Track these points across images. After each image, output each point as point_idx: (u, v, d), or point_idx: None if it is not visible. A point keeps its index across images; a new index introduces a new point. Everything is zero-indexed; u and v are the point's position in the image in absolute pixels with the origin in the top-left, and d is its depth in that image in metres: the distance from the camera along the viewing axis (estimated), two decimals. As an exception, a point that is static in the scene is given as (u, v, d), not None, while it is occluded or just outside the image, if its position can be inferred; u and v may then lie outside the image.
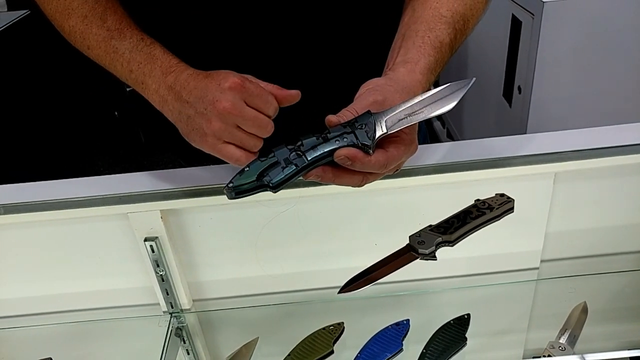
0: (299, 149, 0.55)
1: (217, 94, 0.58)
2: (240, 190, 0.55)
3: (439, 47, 0.66)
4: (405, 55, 0.65)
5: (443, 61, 0.67)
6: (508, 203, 0.64)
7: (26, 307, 0.85)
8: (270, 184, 0.54)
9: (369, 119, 0.56)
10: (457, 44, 0.71)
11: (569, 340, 0.71)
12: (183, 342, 0.82)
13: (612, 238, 0.83)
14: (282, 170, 0.54)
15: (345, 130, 0.55)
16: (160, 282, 0.80)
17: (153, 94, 0.66)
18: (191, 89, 0.61)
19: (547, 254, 0.83)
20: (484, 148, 0.75)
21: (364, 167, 0.56)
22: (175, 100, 0.63)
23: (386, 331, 0.76)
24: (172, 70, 0.65)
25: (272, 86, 0.61)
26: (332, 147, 0.55)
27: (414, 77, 0.62)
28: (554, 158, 0.73)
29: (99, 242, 0.79)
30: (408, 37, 0.67)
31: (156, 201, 0.73)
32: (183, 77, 0.63)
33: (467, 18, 0.71)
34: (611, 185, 0.79)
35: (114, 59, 0.69)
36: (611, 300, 0.84)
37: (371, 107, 0.58)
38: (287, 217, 0.77)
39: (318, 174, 0.56)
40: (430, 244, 0.60)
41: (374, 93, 0.59)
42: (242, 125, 0.58)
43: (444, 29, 0.67)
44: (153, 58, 0.67)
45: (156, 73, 0.65)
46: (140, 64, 0.67)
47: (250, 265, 0.82)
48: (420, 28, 0.67)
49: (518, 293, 0.85)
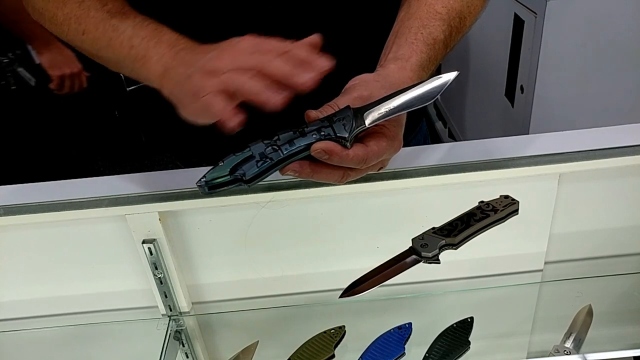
0: (275, 143, 0.53)
1: (218, 52, 0.56)
2: (213, 185, 0.53)
3: (432, 44, 0.65)
4: (397, 52, 0.64)
5: (436, 59, 0.66)
6: (512, 205, 0.63)
7: (23, 310, 0.84)
8: (243, 178, 0.53)
9: (348, 113, 0.54)
10: (453, 41, 0.69)
11: (574, 344, 0.70)
12: (182, 345, 0.81)
13: (617, 239, 0.82)
14: (257, 165, 0.53)
15: (323, 124, 0.54)
16: (158, 285, 0.79)
17: (155, 65, 0.63)
18: (192, 51, 0.60)
19: (551, 255, 0.82)
20: (487, 148, 0.74)
21: (341, 161, 0.54)
22: (177, 67, 0.60)
23: (388, 335, 0.75)
24: (180, 43, 0.63)
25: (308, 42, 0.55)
26: (308, 141, 0.53)
27: (404, 74, 0.61)
28: (559, 159, 0.72)
29: (96, 244, 0.78)
30: (401, 34, 0.66)
31: (154, 203, 0.72)
32: (192, 44, 0.62)
33: (463, 15, 0.70)
34: (616, 186, 0.78)
35: (112, 37, 0.67)
36: (616, 302, 0.83)
37: (354, 102, 0.56)
38: (288, 219, 0.76)
39: (295, 169, 0.54)
40: (434, 247, 0.59)
41: (359, 88, 0.58)
42: (263, 65, 0.53)
43: (438, 25, 0.66)
44: (160, 33, 0.65)
45: (162, 45, 0.63)
46: (144, 39, 0.65)
47: (250, 268, 0.81)
48: (413, 25, 0.66)
49: (522, 295, 0.84)
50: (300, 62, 0.53)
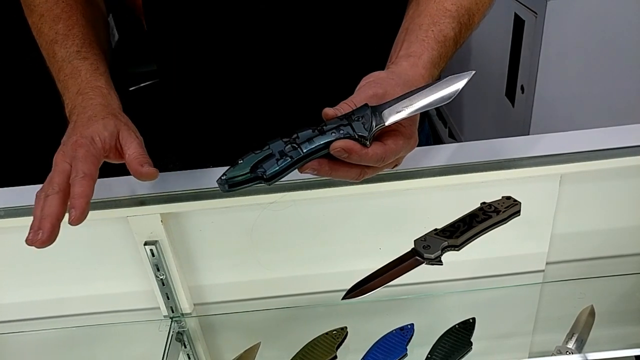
0: (295, 141, 0.54)
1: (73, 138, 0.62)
2: (234, 183, 0.53)
3: (443, 41, 0.65)
4: (408, 49, 0.64)
5: (447, 56, 0.66)
6: (515, 206, 0.63)
7: (25, 311, 0.84)
8: (264, 176, 0.53)
9: (367, 111, 0.55)
10: (462, 38, 0.70)
11: (576, 344, 0.70)
12: (184, 346, 0.81)
13: (618, 240, 0.82)
14: (277, 163, 0.53)
15: (342, 123, 0.54)
16: (160, 286, 0.79)
17: (66, 105, 0.68)
18: (78, 120, 0.65)
19: (552, 256, 0.82)
20: (489, 149, 0.74)
21: (360, 159, 0.54)
22: (70, 120, 0.66)
23: (390, 336, 0.75)
24: (83, 94, 0.67)
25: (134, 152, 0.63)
26: (328, 139, 0.54)
27: (417, 71, 0.61)
28: (560, 159, 0.72)
29: (98, 246, 0.78)
30: (411, 31, 0.66)
31: (156, 204, 0.72)
32: (87, 104, 0.66)
33: (472, 12, 0.70)
34: (618, 186, 0.78)
35: (51, 63, 0.72)
36: (618, 303, 0.83)
37: (370, 100, 0.56)
38: (290, 220, 0.76)
39: (314, 167, 0.55)
40: (436, 248, 0.59)
41: (374, 86, 0.58)
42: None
43: (449, 23, 0.67)
44: (76, 74, 0.69)
45: (72, 90, 0.68)
46: (66, 76, 0.69)
47: (252, 269, 0.81)
48: (424, 22, 0.66)
49: (523, 296, 0.83)
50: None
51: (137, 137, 0.64)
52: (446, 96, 0.57)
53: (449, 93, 0.57)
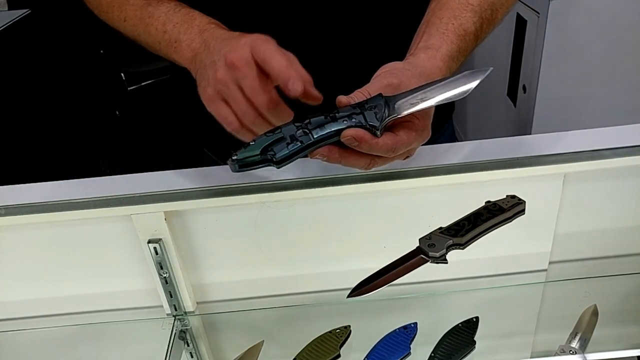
0: (306, 126, 0.54)
1: (234, 45, 0.57)
2: (244, 164, 0.54)
3: (463, 35, 0.65)
4: (427, 41, 0.64)
5: (466, 50, 0.66)
6: (519, 205, 0.63)
7: (29, 309, 0.84)
8: (274, 159, 0.54)
9: (380, 101, 0.55)
10: (484, 33, 0.69)
11: (579, 344, 0.70)
12: (187, 345, 0.81)
13: (621, 239, 0.82)
14: (287, 147, 0.54)
15: (354, 111, 0.55)
16: (163, 285, 0.79)
17: (185, 50, 0.65)
18: (219, 39, 0.61)
19: (555, 255, 0.82)
20: (492, 148, 0.74)
21: (370, 149, 0.55)
22: (203, 52, 0.63)
23: (394, 334, 0.75)
24: (210, 28, 0.65)
25: (304, 73, 0.57)
26: (339, 126, 0.54)
27: (434, 64, 0.61)
28: (564, 158, 0.72)
29: (101, 244, 0.78)
30: (432, 24, 0.66)
31: (160, 202, 0.72)
32: (218, 32, 0.63)
33: (495, 7, 0.70)
34: (621, 186, 0.78)
35: (148, 23, 0.70)
36: (622, 302, 0.83)
37: (385, 89, 0.57)
38: (295, 219, 0.76)
39: (324, 153, 0.55)
40: (441, 246, 0.59)
41: (389, 76, 0.58)
42: (242, 82, 0.56)
43: (470, 17, 0.66)
44: (191, 18, 0.68)
45: (193, 30, 0.66)
46: (177, 24, 0.68)
47: (256, 267, 0.81)
48: (445, 15, 0.66)
49: (527, 295, 0.83)
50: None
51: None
52: (461, 92, 0.57)
53: (464, 89, 0.57)
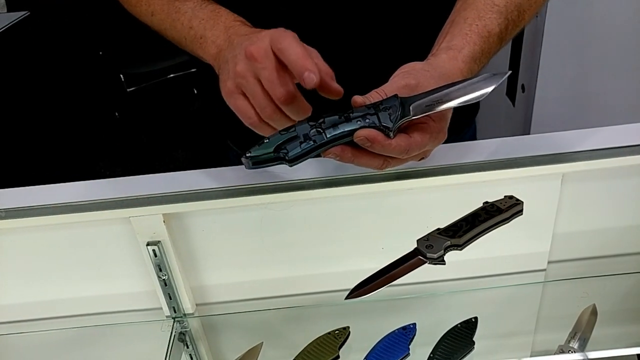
0: (320, 126, 0.55)
1: (254, 39, 0.57)
2: (258, 161, 0.55)
3: (487, 36, 0.64)
4: (450, 42, 0.63)
5: (490, 52, 0.65)
6: (517, 205, 0.63)
7: (28, 312, 0.84)
8: (286, 157, 0.55)
9: (395, 102, 0.55)
10: (509, 35, 0.68)
11: (579, 344, 0.70)
12: (186, 346, 0.81)
13: (620, 239, 0.82)
14: (300, 145, 0.54)
15: (369, 112, 0.55)
16: (162, 287, 0.79)
17: (210, 46, 0.66)
18: (241, 36, 0.62)
19: (554, 255, 0.82)
20: (490, 149, 0.74)
21: (383, 150, 0.55)
22: (227, 48, 0.63)
23: (393, 335, 0.75)
24: (235, 25, 0.65)
25: (325, 67, 0.57)
26: (352, 127, 0.55)
27: (455, 65, 0.61)
28: (562, 158, 0.72)
29: (100, 247, 0.78)
30: (456, 24, 0.65)
31: (158, 205, 0.72)
32: (243, 29, 0.64)
33: (523, 9, 0.69)
34: (619, 185, 0.78)
35: (175, 19, 0.71)
36: (621, 302, 0.83)
37: (402, 90, 0.56)
38: (292, 220, 0.76)
39: (336, 153, 0.55)
40: (439, 248, 0.59)
41: (407, 77, 0.58)
42: (260, 75, 0.56)
43: (495, 18, 0.65)
44: (217, 15, 0.68)
45: (218, 27, 0.66)
46: (203, 20, 0.68)
47: (254, 269, 0.81)
48: (469, 15, 0.66)
49: (525, 295, 0.83)
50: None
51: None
52: (478, 95, 0.57)
53: (481, 92, 0.57)
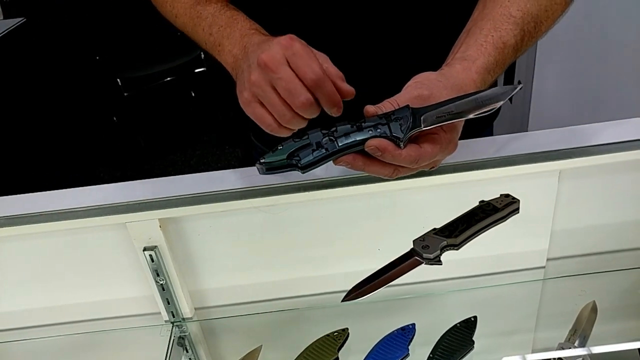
0: (332, 134, 0.56)
1: (266, 47, 0.58)
2: (271, 167, 0.57)
3: (502, 48, 0.64)
4: (465, 52, 0.64)
5: (504, 63, 0.65)
6: (513, 204, 0.63)
7: (25, 319, 0.84)
8: (299, 165, 0.56)
9: (406, 113, 0.56)
10: (525, 46, 0.68)
11: (579, 341, 0.70)
12: (186, 351, 0.81)
13: (618, 235, 0.82)
14: (312, 153, 0.56)
15: (380, 122, 0.56)
16: (160, 292, 0.78)
17: (227, 55, 0.67)
18: (255, 45, 0.62)
19: (553, 252, 0.82)
20: (486, 146, 0.74)
21: (393, 159, 0.56)
22: (242, 58, 0.64)
23: (392, 336, 0.74)
24: (250, 33, 0.66)
25: (334, 70, 0.58)
26: (364, 136, 0.56)
27: (469, 75, 0.61)
28: (559, 155, 0.71)
29: (97, 253, 0.78)
30: (472, 34, 0.66)
31: (154, 210, 0.72)
32: (257, 38, 0.64)
33: (539, 20, 0.68)
34: (617, 181, 0.78)
35: (196, 23, 0.72)
36: (620, 298, 0.83)
37: (414, 101, 0.57)
38: (288, 223, 0.76)
39: (348, 161, 0.56)
40: (435, 248, 0.58)
41: (420, 87, 0.59)
42: (276, 84, 0.56)
43: (511, 29, 0.65)
44: (234, 22, 0.69)
45: (235, 35, 0.67)
46: (221, 27, 0.69)
47: (252, 272, 0.81)
48: (485, 26, 0.66)
49: (525, 293, 0.83)
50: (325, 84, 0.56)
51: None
52: (487, 109, 0.58)
53: (491, 107, 0.58)
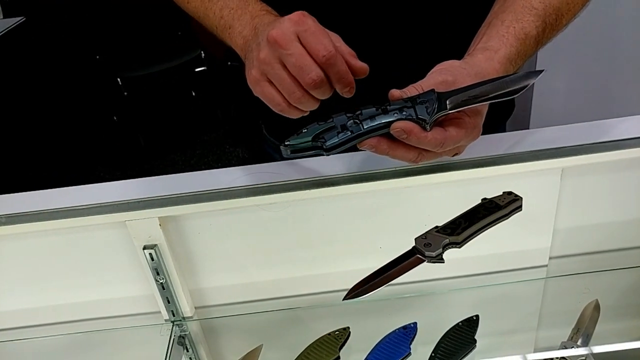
0: (357, 117, 0.56)
1: (277, 25, 0.57)
2: (296, 149, 0.57)
3: (524, 39, 0.65)
4: (486, 43, 0.64)
5: (526, 54, 0.66)
6: (516, 201, 0.62)
7: (25, 319, 0.83)
8: (324, 147, 0.56)
9: (432, 97, 0.56)
10: (546, 38, 0.69)
11: (582, 339, 0.69)
12: (186, 350, 0.81)
13: (621, 233, 0.81)
14: (337, 135, 0.56)
15: (406, 105, 0.56)
16: (160, 290, 0.78)
17: (237, 37, 0.67)
18: (266, 25, 0.62)
19: (555, 250, 0.82)
20: (488, 144, 0.73)
21: (419, 142, 0.56)
22: (252, 38, 0.63)
23: (393, 335, 0.74)
24: (261, 14, 0.66)
25: (346, 48, 0.57)
26: (389, 119, 0.56)
27: (491, 65, 0.61)
28: (561, 153, 0.71)
29: (97, 251, 0.78)
30: (493, 26, 0.66)
31: (154, 208, 0.71)
32: (267, 18, 0.64)
33: (561, 13, 0.69)
34: (620, 178, 0.77)
35: (207, 7, 0.72)
36: (623, 296, 0.82)
37: (439, 86, 0.57)
38: (289, 221, 0.75)
39: (372, 144, 0.56)
40: (437, 246, 0.58)
41: (444, 73, 0.59)
42: (285, 60, 0.56)
43: (532, 21, 0.66)
44: (245, 4, 0.68)
45: (245, 17, 0.67)
46: (232, 10, 0.69)
47: (253, 270, 0.81)
48: (507, 17, 0.66)
49: (527, 292, 0.83)
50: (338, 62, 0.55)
51: None
52: (513, 90, 0.58)
53: (516, 88, 0.58)
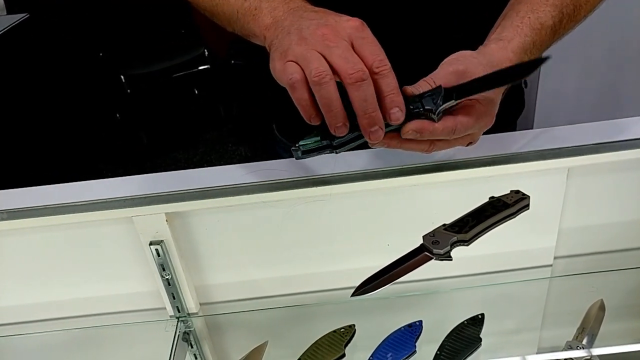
0: None
1: (331, 22, 0.56)
2: (306, 150, 0.58)
3: (539, 29, 0.65)
4: (500, 33, 0.64)
5: (542, 44, 0.65)
6: (523, 200, 0.63)
7: (30, 314, 0.83)
8: (332, 144, 0.57)
9: (439, 90, 0.57)
10: (563, 29, 0.69)
11: (587, 339, 0.69)
12: (191, 346, 0.81)
13: (628, 233, 0.81)
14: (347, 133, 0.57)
15: (414, 101, 0.57)
16: (166, 286, 0.78)
17: (266, 16, 0.64)
18: (310, 11, 0.60)
19: (560, 250, 0.82)
20: (495, 143, 0.73)
21: (432, 135, 0.56)
22: (287, 18, 0.61)
23: (399, 333, 0.74)
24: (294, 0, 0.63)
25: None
26: None
27: (504, 54, 0.61)
28: (568, 152, 0.71)
29: (103, 247, 0.78)
30: (508, 17, 0.66)
31: (161, 204, 0.71)
32: (307, 5, 0.62)
33: (579, 4, 0.69)
34: (625, 179, 0.77)
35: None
36: (629, 296, 0.82)
37: (450, 76, 0.57)
38: (296, 218, 0.75)
39: (384, 141, 0.56)
40: (445, 243, 0.58)
41: (455, 62, 0.59)
42: (330, 51, 0.54)
43: (549, 11, 0.66)
44: None
45: (266, 7, 0.64)
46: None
47: (258, 267, 0.81)
48: (522, 8, 0.66)
49: (532, 291, 0.83)
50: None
51: None
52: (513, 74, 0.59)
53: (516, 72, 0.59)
